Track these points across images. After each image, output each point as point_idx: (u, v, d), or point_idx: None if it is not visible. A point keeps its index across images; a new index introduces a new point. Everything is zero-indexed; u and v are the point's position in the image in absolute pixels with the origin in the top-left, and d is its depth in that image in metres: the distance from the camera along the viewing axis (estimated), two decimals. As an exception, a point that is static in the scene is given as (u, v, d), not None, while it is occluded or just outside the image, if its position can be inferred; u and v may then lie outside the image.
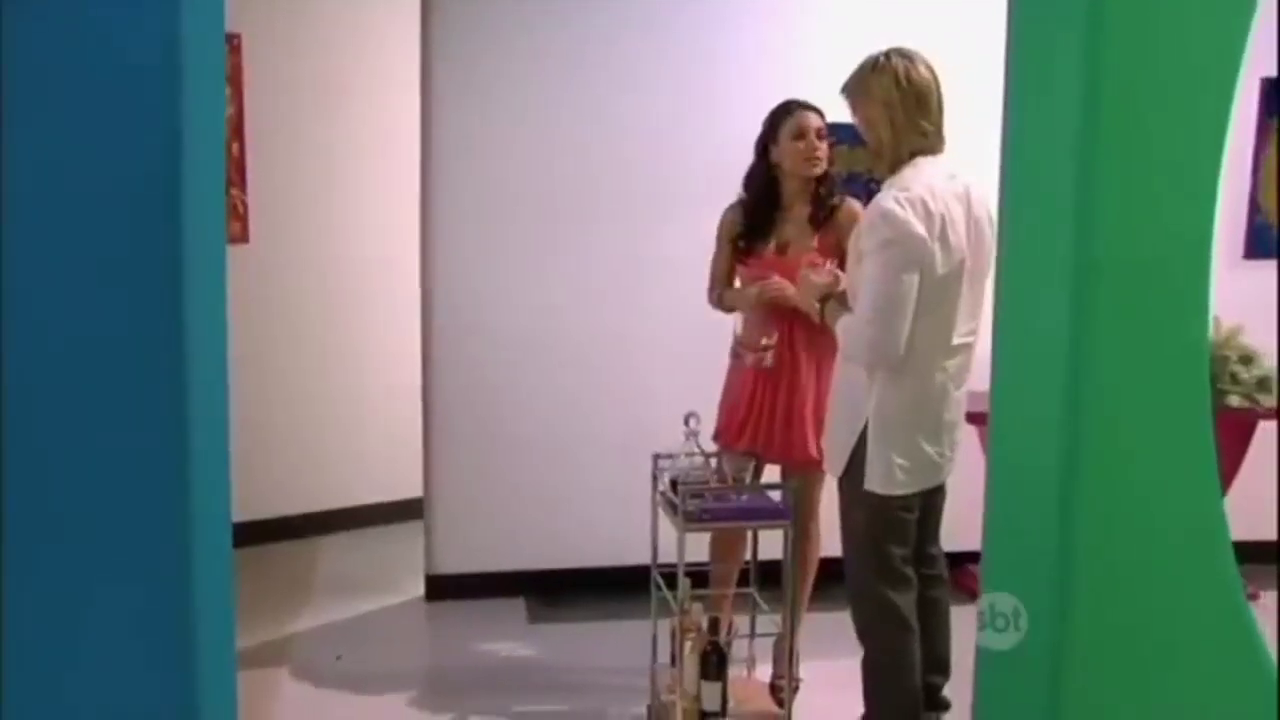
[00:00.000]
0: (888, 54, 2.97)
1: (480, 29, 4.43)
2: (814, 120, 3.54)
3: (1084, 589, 2.33)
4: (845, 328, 2.99)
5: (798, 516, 3.38)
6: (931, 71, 2.98)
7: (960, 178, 2.97)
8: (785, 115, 3.56)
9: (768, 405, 3.57)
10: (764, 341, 3.55)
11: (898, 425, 2.96)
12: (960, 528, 3.27)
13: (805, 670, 3.67)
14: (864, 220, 2.95)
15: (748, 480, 3.37)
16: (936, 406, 2.99)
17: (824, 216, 3.56)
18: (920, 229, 2.83)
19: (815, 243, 3.54)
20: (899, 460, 2.96)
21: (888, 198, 2.88)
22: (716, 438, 3.66)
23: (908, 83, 2.94)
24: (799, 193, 3.58)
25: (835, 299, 3.13)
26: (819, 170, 3.55)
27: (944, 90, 3.01)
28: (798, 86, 3.66)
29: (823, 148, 3.53)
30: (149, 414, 2.09)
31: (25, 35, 1.96)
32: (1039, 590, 2.40)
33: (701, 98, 4.51)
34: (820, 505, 3.62)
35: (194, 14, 2.02)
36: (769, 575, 3.57)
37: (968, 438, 3.21)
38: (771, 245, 3.60)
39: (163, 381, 2.08)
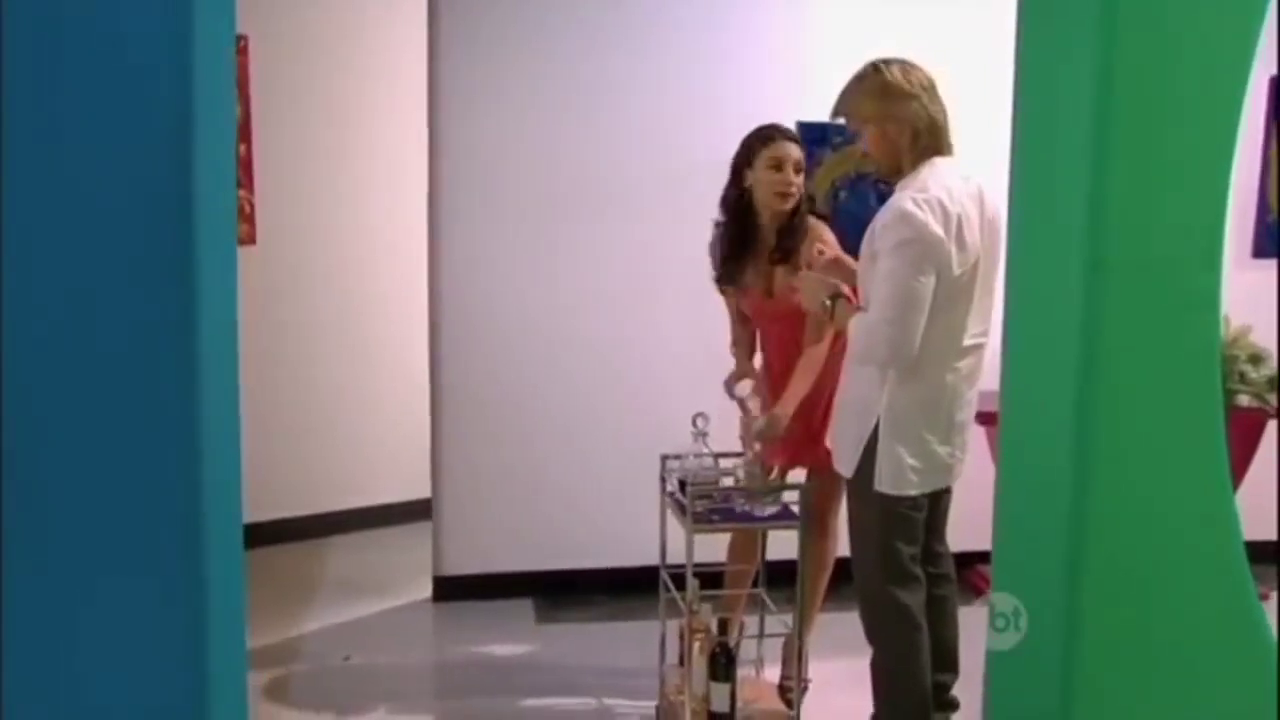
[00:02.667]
0: (886, 61, 2.97)
1: (487, 30, 4.43)
2: (793, 152, 3.42)
3: (1095, 589, 2.33)
4: (859, 327, 2.97)
5: (814, 516, 3.37)
6: (928, 75, 2.99)
7: (974, 179, 2.96)
8: (764, 143, 3.44)
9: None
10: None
11: (909, 425, 2.95)
12: (970, 528, 3.27)
13: (814, 670, 3.66)
14: (880, 220, 2.92)
15: (757, 484, 3.36)
16: (948, 407, 2.98)
17: (781, 257, 3.45)
18: (938, 229, 2.83)
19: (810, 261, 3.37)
20: (911, 461, 2.95)
21: (905, 199, 2.86)
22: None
23: (918, 84, 2.94)
24: (770, 224, 3.49)
25: (844, 298, 3.11)
26: (789, 205, 3.44)
27: (952, 90, 3.01)
28: (806, 84, 3.67)
29: (798, 182, 3.42)
30: (161, 416, 2.09)
31: (34, 37, 1.96)
32: (1049, 590, 2.39)
33: (709, 96, 4.51)
34: (841, 501, 3.59)
35: (205, 15, 2.02)
36: (787, 574, 3.56)
37: (977, 438, 3.20)
38: (758, 286, 3.54)
39: (175, 383, 2.08)
